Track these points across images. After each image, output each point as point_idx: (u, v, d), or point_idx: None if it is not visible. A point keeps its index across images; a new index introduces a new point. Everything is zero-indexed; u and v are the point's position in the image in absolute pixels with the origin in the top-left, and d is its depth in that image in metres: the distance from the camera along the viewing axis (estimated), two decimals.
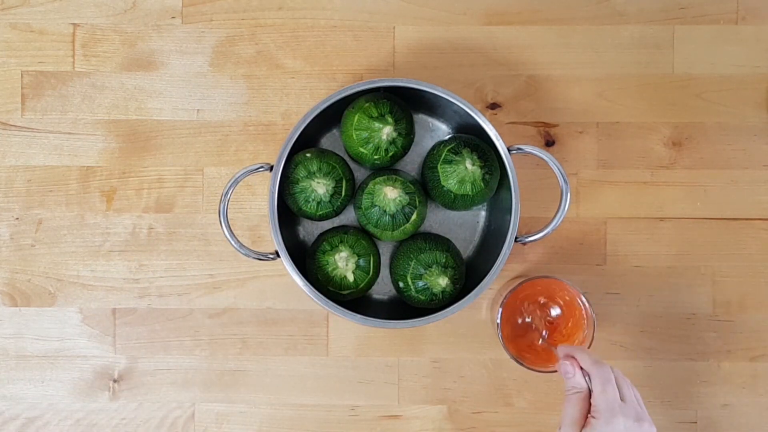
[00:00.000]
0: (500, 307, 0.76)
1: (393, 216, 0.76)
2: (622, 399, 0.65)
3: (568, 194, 0.74)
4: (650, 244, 0.84)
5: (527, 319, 0.78)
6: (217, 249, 0.84)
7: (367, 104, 0.75)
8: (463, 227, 0.84)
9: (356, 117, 0.75)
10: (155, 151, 0.85)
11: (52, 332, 0.84)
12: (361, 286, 0.77)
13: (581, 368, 0.67)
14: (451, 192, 0.76)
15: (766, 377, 0.84)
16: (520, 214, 0.74)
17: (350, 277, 0.76)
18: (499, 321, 0.76)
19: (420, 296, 0.77)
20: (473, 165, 0.75)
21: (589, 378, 0.66)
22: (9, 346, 0.84)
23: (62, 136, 0.85)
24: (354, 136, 0.76)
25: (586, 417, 0.65)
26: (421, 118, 0.83)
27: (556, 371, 0.76)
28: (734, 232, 0.84)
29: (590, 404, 0.65)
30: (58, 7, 0.85)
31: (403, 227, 0.77)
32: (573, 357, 0.68)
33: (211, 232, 0.84)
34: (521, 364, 0.75)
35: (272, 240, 0.74)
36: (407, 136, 0.77)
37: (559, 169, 0.74)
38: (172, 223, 0.85)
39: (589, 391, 0.66)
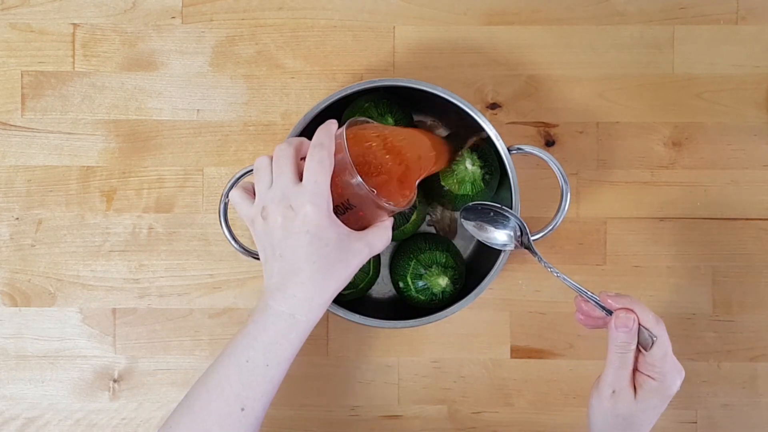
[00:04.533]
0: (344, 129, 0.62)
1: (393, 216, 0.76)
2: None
3: (568, 194, 0.74)
4: (650, 244, 0.84)
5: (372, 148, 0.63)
6: (217, 249, 0.84)
7: (367, 104, 0.75)
8: (464, 227, 0.83)
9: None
10: (155, 151, 0.85)
11: (52, 332, 0.84)
12: (361, 286, 0.77)
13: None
14: (451, 192, 0.76)
15: (766, 377, 0.84)
16: (520, 214, 0.74)
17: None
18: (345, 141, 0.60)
19: (420, 296, 0.77)
20: (473, 165, 0.75)
21: (648, 335, 0.62)
22: (9, 346, 0.84)
23: (62, 136, 0.85)
24: None
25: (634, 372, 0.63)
26: (421, 118, 0.83)
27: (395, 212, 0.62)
28: (734, 232, 0.84)
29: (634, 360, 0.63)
30: (58, 7, 0.85)
31: (403, 227, 0.77)
32: (632, 310, 0.62)
33: (211, 232, 0.84)
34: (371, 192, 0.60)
35: None
36: None
37: (559, 169, 0.74)
38: (172, 223, 0.85)
39: (638, 347, 0.63)
